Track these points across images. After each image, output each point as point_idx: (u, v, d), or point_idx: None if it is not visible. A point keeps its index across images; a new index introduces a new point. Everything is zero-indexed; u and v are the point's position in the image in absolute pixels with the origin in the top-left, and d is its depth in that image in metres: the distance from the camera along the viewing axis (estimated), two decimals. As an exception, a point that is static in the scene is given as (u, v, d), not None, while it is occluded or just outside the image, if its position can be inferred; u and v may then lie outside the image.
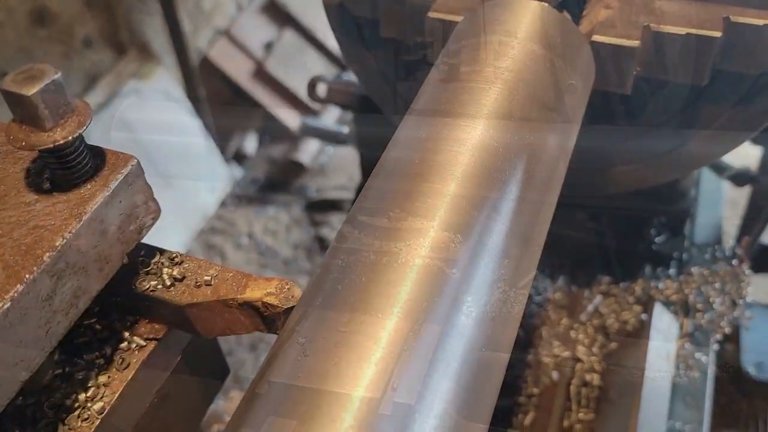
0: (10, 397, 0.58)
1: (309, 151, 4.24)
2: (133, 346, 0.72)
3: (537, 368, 1.36)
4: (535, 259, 0.70)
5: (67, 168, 0.63)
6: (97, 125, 3.26)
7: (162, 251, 0.75)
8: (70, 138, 0.60)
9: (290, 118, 4.21)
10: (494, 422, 1.40)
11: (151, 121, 3.61)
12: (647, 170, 1.08)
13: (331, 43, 4.28)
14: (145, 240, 0.71)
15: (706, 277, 1.43)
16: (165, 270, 0.72)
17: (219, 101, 4.09)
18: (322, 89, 1.76)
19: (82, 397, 0.68)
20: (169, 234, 3.75)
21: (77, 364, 0.70)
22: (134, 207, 0.67)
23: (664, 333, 1.34)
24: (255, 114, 4.28)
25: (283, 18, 4.25)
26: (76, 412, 0.68)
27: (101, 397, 0.69)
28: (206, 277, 0.70)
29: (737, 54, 0.87)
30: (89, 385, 0.69)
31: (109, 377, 0.70)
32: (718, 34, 0.84)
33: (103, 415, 0.67)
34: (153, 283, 0.72)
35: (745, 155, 1.70)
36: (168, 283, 0.71)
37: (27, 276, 0.56)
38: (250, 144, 4.30)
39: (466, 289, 0.57)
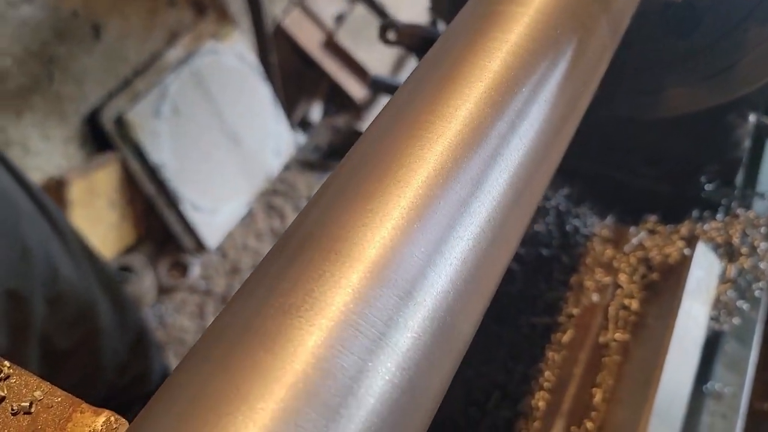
0: None
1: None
2: None
3: (578, 291, 1.43)
4: (567, 135, 0.77)
5: None
6: (176, 81, 3.47)
7: None
8: None
9: (356, 90, 4.34)
10: (533, 340, 1.48)
11: (225, 82, 3.79)
12: (697, 92, 1.15)
13: (401, 18, 4.38)
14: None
15: (752, 221, 1.47)
16: None
17: (289, 69, 4.25)
18: (392, 35, 1.87)
19: None
20: (234, 191, 3.94)
21: None
22: None
23: (706, 269, 1.39)
24: (322, 83, 4.43)
25: (355, -8, 4.38)
26: None
27: None
28: (24, 403, 0.59)
29: (787, -31, 0.93)
30: None
31: None
32: (767, -55, 0.90)
33: None
34: None
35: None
36: None
37: None
38: (316, 112, 4.46)
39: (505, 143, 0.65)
